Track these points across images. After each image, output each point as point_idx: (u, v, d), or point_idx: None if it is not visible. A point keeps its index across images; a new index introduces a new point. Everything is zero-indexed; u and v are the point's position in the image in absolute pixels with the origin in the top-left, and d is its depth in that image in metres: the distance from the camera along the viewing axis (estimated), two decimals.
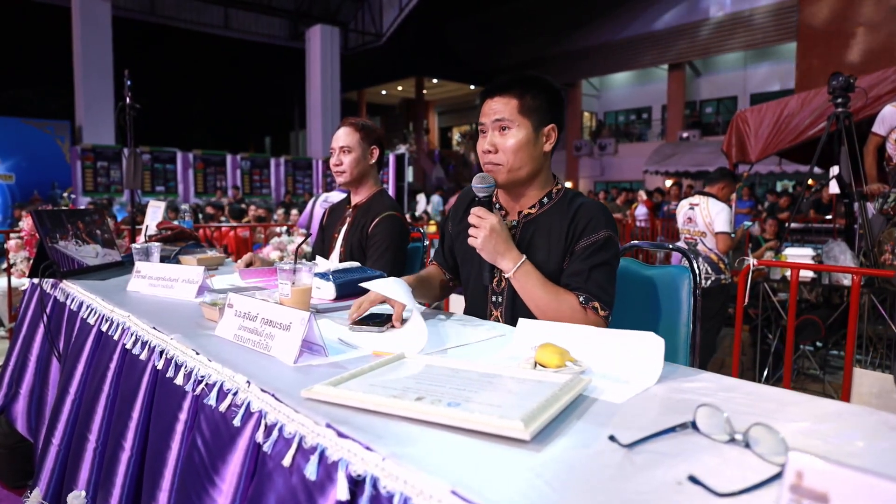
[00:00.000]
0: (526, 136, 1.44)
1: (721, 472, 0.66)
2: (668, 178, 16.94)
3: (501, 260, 1.40)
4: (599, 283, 1.39)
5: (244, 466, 0.89)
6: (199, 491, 0.93)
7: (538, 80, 1.48)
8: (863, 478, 0.46)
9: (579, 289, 1.39)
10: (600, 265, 1.40)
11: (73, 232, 2.16)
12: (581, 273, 1.40)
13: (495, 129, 1.45)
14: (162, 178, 12.92)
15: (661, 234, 9.79)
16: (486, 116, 1.47)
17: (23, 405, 2.12)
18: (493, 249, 1.39)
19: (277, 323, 1.12)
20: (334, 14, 17.27)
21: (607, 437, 0.73)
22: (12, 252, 3.13)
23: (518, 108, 1.44)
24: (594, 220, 1.43)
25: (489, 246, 1.38)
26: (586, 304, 1.37)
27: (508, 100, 1.44)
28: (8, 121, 11.80)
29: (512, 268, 1.39)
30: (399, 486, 0.65)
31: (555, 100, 1.48)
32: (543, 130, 1.47)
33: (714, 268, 3.93)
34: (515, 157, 1.44)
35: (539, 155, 1.47)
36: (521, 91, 1.45)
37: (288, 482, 0.78)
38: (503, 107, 1.44)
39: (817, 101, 5.24)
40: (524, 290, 1.40)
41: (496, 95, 1.46)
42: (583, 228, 1.43)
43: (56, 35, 13.71)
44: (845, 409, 0.87)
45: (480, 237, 1.38)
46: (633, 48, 20.27)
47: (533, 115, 1.44)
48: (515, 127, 1.43)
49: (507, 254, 1.39)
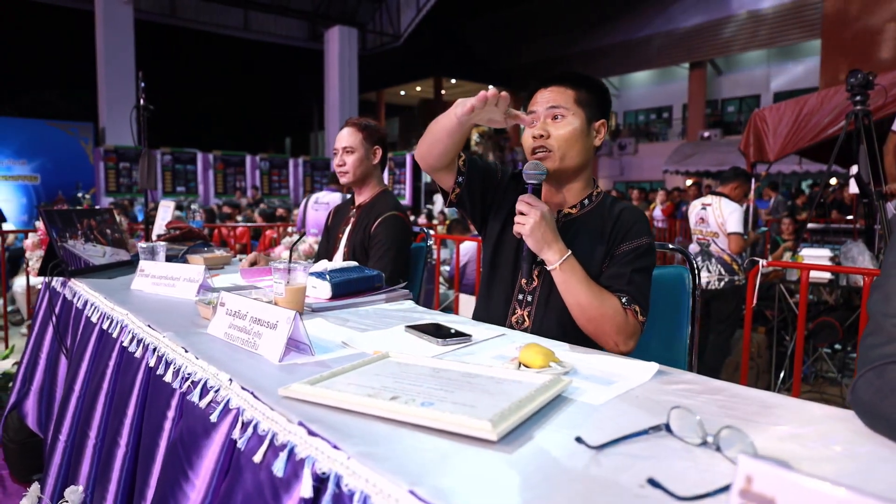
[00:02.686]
0: (580, 126, 1.44)
1: (688, 475, 0.65)
2: (688, 177, 16.75)
3: (548, 250, 1.35)
4: (640, 288, 1.38)
5: (218, 463, 0.89)
6: (175, 486, 0.94)
7: (591, 77, 1.50)
8: (810, 483, 0.44)
9: (621, 291, 1.37)
10: (641, 270, 1.40)
11: (82, 231, 2.20)
12: (623, 276, 1.38)
13: (548, 116, 1.45)
14: (182, 178, 13.09)
15: (679, 234, 9.67)
16: (539, 105, 1.46)
17: (33, 402, 2.17)
18: (542, 238, 1.34)
19: (265, 321, 1.13)
20: (352, 15, 17.35)
21: (575, 440, 0.72)
22: (28, 251, 3.20)
23: (574, 97, 1.45)
24: (637, 225, 1.43)
25: (538, 233, 1.33)
26: (628, 305, 1.36)
27: (564, 90, 1.45)
28: (33, 122, 12.07)
29: (558, 259, 1.34)
30: (361, 484, 0.65)
31: (605, 98, 1.51)
32: (595, 125, 1.47)
33: (727, 269, 3.88)
34: (567, 146, 1.43)
35: (589, 148, 1.47)
36: (576, 83, 1.46)
37: (256, 478, 0.79)
38: (559, 95, 1.45)
39: (837, 99, 5.14)
40: (567, 285, 1.35)
41: (551, 85, 1.47)
42: (626, 232, 1.42)
43: (79, 38, 13.99)
44: (831, 413, 0.85)
45: (530, 223, 1.33)
46: (653, 46, 20.07)
47: (587, 107, 1.45)
48: (570, 115, 1.43)
49: (555, 244, 1.35)
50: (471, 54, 23.50)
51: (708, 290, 3.95)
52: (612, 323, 1.33)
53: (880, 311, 0.79)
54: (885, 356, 0.75)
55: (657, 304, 1.58)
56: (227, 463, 0.88)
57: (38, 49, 19.99)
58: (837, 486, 0.43)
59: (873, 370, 0.76)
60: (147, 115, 3.34)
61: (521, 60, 22.31)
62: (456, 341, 1.21)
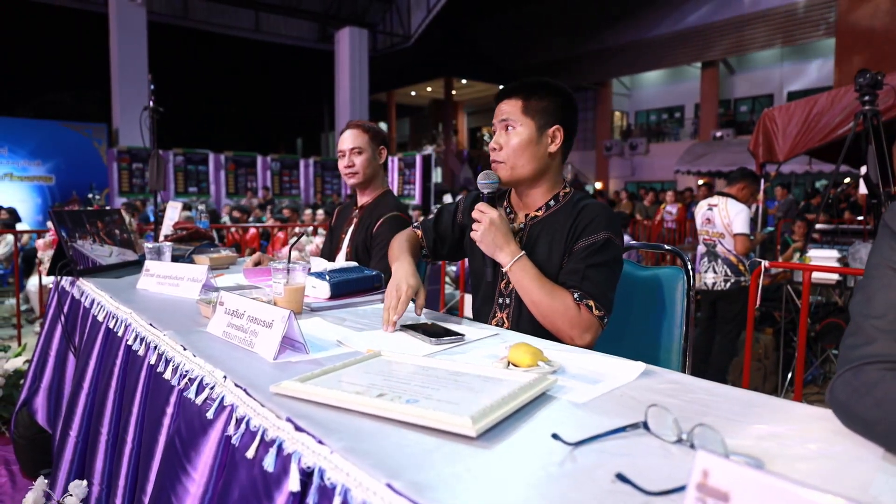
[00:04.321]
0: (528, 136, 1.48)
1: (661, 471, 0.66)
2: (699, 177, 16.66)
3: (499, 253, 1.42)
4: (595, 283, 1.39)
5: (216, 458, 0.92)
6: (174, 481, 0.96)
7: (546, 83, 1.52)
8: (763, 478, 0.46)
9: (574, 286, 1.39)
10: (597, 265, 1.40)
11: (91, 232, 2.24)
12: (577, 272, 1.40)
13: (501, 128, 1.51)
14: (194, 179, 13.21)
15: (688, 235, 9.63)
16: (496, 117, 1.53)
17: (43, 398, 2.21)
18: (492, 242, 1.42)
19: (261, 320, 1.15)
20: (362, 16, 17.42)
21: (552, 436, 0.74)
22: (41, 251, 3.27)
23: (522, 108, 1.49)
24: (595, 221, 1.43)
25: (488, 238, 1.42)
26: (580, 300, 1.37)
27: (514, 101, 1.50)
28: (48, 124, 12.24)
29: (509, 261, 1.41)
30: (342, 477, 0.67)
31: (563, 103, 1.51)
32: (548, 131, 1.49)
33: (733, 270, 3.87)
34: (517, 156, 1.48)
35: (542, 155, 1.50)
36: (526, 93, 1.50)
37: (250, 473, 0.81)
38: (509, 107, 1.50)
39: (847, 99, 5.10)
40: (520, 285, 1.42)
41: (504, 98, 1.53)
42: (583, 228, 1.43)
43: (93, 40, 14.16)
44: (812, 413, 0.86)
45: (480, 230, 1.42)
46: (664, 46, 19.95)
47: (537, 116, 1.48)
48: (519, 126, 1.48)
49: (506, 247, 1.42)
50: (481, 54, 23.49)
51: (714, 291, 3.94)
52: (563, 318, 1.36)
53: (861, 313, 0.80)
54: (863, 357, 0.77)
55: (652, 305, 1.59)
56: (224, 459, 0.91)
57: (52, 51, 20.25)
58: (792, 482, 0.45)
59: (851, 370, 0.77)
60: (158, 117, 3.39)
61: (531, 60, 22.28)
62: (449, 340, 1.23)
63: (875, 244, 0.85)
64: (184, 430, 1.00)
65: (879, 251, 0.83)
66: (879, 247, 0.84)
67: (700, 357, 4.04)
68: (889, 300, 0.79)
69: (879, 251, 0.83)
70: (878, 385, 0.72)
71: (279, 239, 6.86)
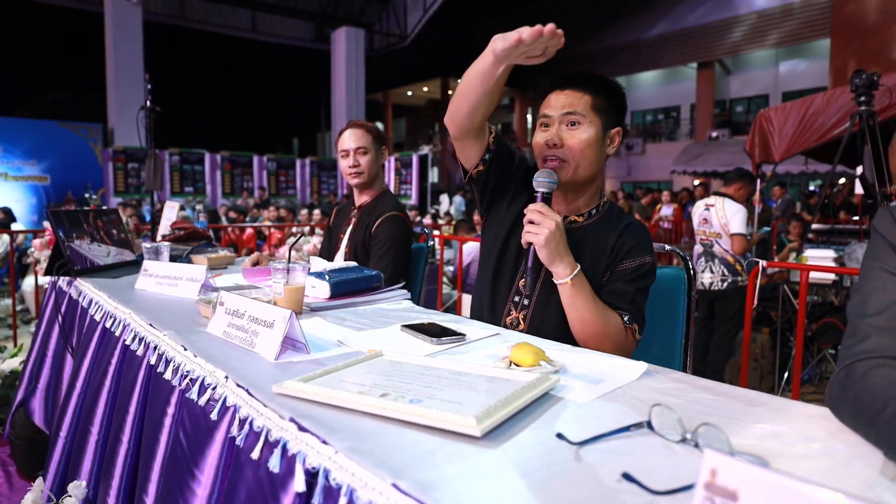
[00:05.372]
0: (596, 135, 1.38)
1: (665, 470, 0.66)
2: (696, 178, 16.70)
3: (559, 263, 1.31)
4: (640, 307, 1.39)
5: (221, 459, 0.92)
6: (181, 483, 0.96)
7: (611, 81, 1.43)
8: (772, 477, 0.46)
9: (623, 309, 1.36)
10: (643, 290, 1.40)
11: (89, 231, 2.23)
12: (626, 294, 1.37)
13: (564, 122, 1.38)
14: (190, 179, 13.19)
15: (685, 235, 9.65)
16: (554, 109, 1.39)
17: (40, 399, 2.20)
18: (555, 250, 1.30)
19: (262, 320, 1.15)
20: (359, 16, 17.41)
21: (556, 436, 0.74)
22: (37, 251, 3.25)
23: (591, 104, 1.38)
24: (642, 243, 1.41)
25: (552, 245, 1.29)
26: (629, 324, 1.35)
27: (581, 94, 1.38)
28: (43, 123, 12.20)
29: (569, 274, 1.31)
30: (347, 478, 0.67)
31: (623, 104, 1.44)
32: (610, 132, 1.42)
33: (731, 269, 3.88)
34: (582, 156, 1.37)
35: (602, 158, 1.42)
36: (595, 88, 1.40)
37: (256, 475, 0.81)
38: (576, 101, 1.38)
39: (843, 100, 5.11)
40: (574, 300, 1.32)
41: (567, 88, 1.40)
42: (629, 249, 1.40)
43: (89, 40, 14.11)
44: (813, 412, 0.87)
45: (543, 235, 1.28)
46: (661, 46, 20.01)
47: (603, 115, 1.39)
48: (587, 123, 1.37)
49: (567, 257, 1.32)
50: (477, 54, 23.33)
51: (711, 291, 3.95)
52: (613, 342, 1.33)
53: (857, 314, 0.83)
54: (856, 354, 0.79)
55: (653, 304, 1.59)
56: (230, 459, 0.90)
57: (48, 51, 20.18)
58: (799, 480, 0.45)
59: (844, 368, 0.80)
60: (154, 117, 3.38)
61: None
62: (450, 340, 1.23)
63: (868, 248, 0.88)
64: (188, 432, 1.00)
65: (872, 254, 0.86)
66: (872, 250, 0.87)
67: (697, 357, 4.05)
68: (884, 300, 0.81)
69: (872, 254, 0.86)
70: (863, 380, 0.75)
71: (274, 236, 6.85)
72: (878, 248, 0.85)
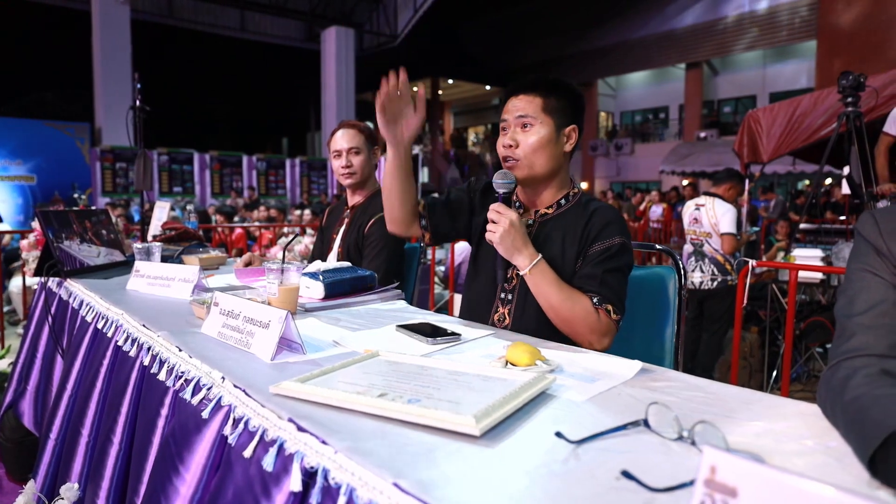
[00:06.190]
0: (547, 135, 1.46)
1: (663, 468, 0.67)
2: (684, 178, 16.81)
3: (518, 256, 1.39)
4: (612, 287, 1.41)
5: (209, 458, 0.92)
6: (166, 481, 0.96)
7: (562, 82, 1.51)
8: (770, 473, 0.47)
9: (593, 291, 1.39)
10: (614, 270, 1.42)
11: (79, 232, 2.21)
12: (594, 276, 1.41)
13: (517, 125, 1.47)
14: (179, 179, 13.09)
15: (674, 235, 9.71)
16: (509, 113, 1.49)
17: (29, 401, 2.18)
18: (511, 245, 1.38)
19: (257, 321, 1.15)
20: (349, 15, 17.37)
21: (555, 434, 0.75)
22: (25, 251, 3.22)
23: (542, 106, 1.46)
24: (610, 226, 1.45)
25: (507, 241, 1.38)
26: (599, 305, 1.38)
27: (532, 98, 1.47)
28: (29, 123, 12.07)
29: (528, 265, 1.39)
30: (347, 477, 0.67)
31: (577, 103, 1.51)
32: (565, 131, 1.48)
33: (720, 269, 3.91)
34: (535, 155, 1.46)
35: (559, 154, 1.49)
36: (545, 90, 1.47)
37: (246, 473, 0.81)
38: (527, 104, 1.47)
39: (830, 101, 5.17)
40: (538, 289, 1.40)
41: (521, 93, 1.49)
42: (598, 232, 1.44)
43: (76, 38, 13.95)
44: (806, 409, 0.88)
45: (499, 232, 1.38)
46: (649, 47, 20.12)
47: (556, 115, 1.46)
48: (538, 124, 1.45)
49: (524, 250, 1.39)
50: (468, 55, 23.51)
51: (701, 290, 3.98)
52: (584, 323, 1.37)
53: (844, 314, 0.85)
54: (842, 353, 0.82)
55: (644, 304, 1.61)
56: (219, 458, 0.90)
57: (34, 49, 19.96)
58: (798, 476, 0.46)
59: (831, 368, 0.82)
60: (143, 116, 3.36)
61: (518, 61, 22.34)
62: (445, 340, 1.24)
63: (852, 251, 0.91)
64: (178, 431, 0.99)
65: (855, 257, 0.89)
66: (855, 253, 0.90)
67: (686, 356, 4.08)
68: (870, 299, 0.84)
69: (855, 257, 0.89)
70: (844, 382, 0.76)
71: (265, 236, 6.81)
72: (861, 250, 0.88)
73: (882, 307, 0.81)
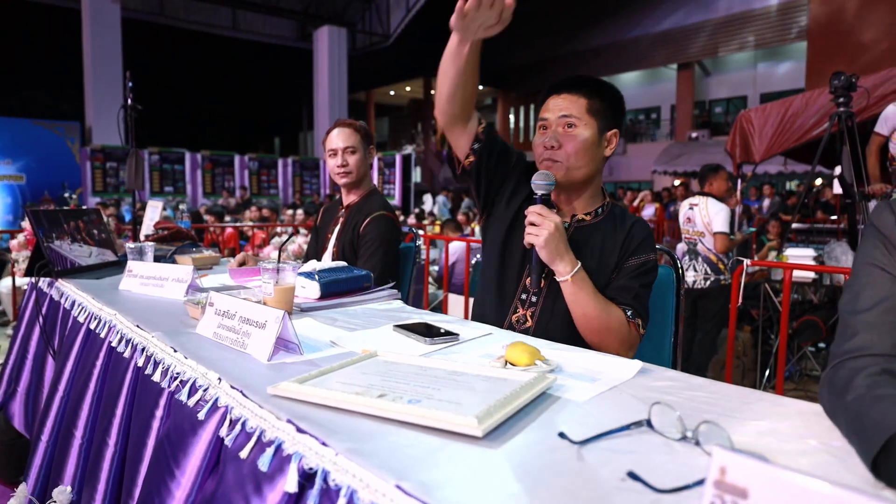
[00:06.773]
0: (591, 137, 1.42)
1: (667, 468, 0.67)
2: (676, 177, 16.87)
3: (560, 262, 1.35)
4: (643, 302, 1.42)
5: (205, 460, 0.90)
6: (160, 484, 0.95)
7: (607, 84, 1.47)
8: (781, 473, 0.46)
9: (627, 304, 1.39)
10: (646, 285, 1.43)
11: (69, 231, 2.19)
12: (631, 289, 1.40)
13: (560, 125, 1.43)
14: (171, 178, 13.02)
15: (667, 234, 9.74)
16: (551, 112, 1.44)
17: (20, 402, 2.16)
18: (555, 249, 1.34)
19: (254, 321, 1.14)
20: (342, 15, 17.33)
21: (558, 435, 0.74)
22: (14, 251, 3.18)
23: (587, 107, 1.42)
24: (647, 241, 1.45)
25: (552, 245, 1.33)
26: (632, 318, 1.38)
27: (577, 98, 1.43)
28: (18, 122, 11.95)
29: (570, 271, 1.35)
30: (348, 479, 0.66)
31: (619, 106, 1.48)
32: (606, 135, 1.45)
33: (713, 268, 3.92)
34: (577, 157, 1.41)
35: (599, 159, 1.46)
36: (590, 91, 1.44)
37: (239, 472, 0.80)
38: (571, 104, 1.42)
39: (822, 101, 5.21)
40: (576, 296, 1.36)
41: (564, 92, 1.45)
42: (636, 246, 1.44)
43: (66, 37, 13.85)
44: (808, 408, 0.88)
45: (543, 235, 1.32)
46: (641, 48, 20.18)
47: (599, 117, 1.43)
48: (582, 126, 1.41)
49: (567, 255, 1.36)
50: None
51: (694, 290, 3.99)
52: (616, 335, 1.36)
53: (848, 310, 0.83)
54: (844, 352, 0.80)
55: None
56: (214, 460, 0.89)
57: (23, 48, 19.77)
58: (808, 476, 0.45)
59: (833, 367, 0.80)
60: (135, 115, 3.33)
61: (511, 61, 22.34)
62: (443, 340, 1.23)
63: (861, 243, 0.88)
64: (173, 432, 0.98)
65: (864, 250, 0.86)
66: (864, 246, 0.87)
67: (681, 355, 4.09)
68: (875, 295, 0.82)
69: (864, 250, 0.86)
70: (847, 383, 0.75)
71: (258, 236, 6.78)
72: (871, 242, 0.85)
73: (887, 304, 0.80)
